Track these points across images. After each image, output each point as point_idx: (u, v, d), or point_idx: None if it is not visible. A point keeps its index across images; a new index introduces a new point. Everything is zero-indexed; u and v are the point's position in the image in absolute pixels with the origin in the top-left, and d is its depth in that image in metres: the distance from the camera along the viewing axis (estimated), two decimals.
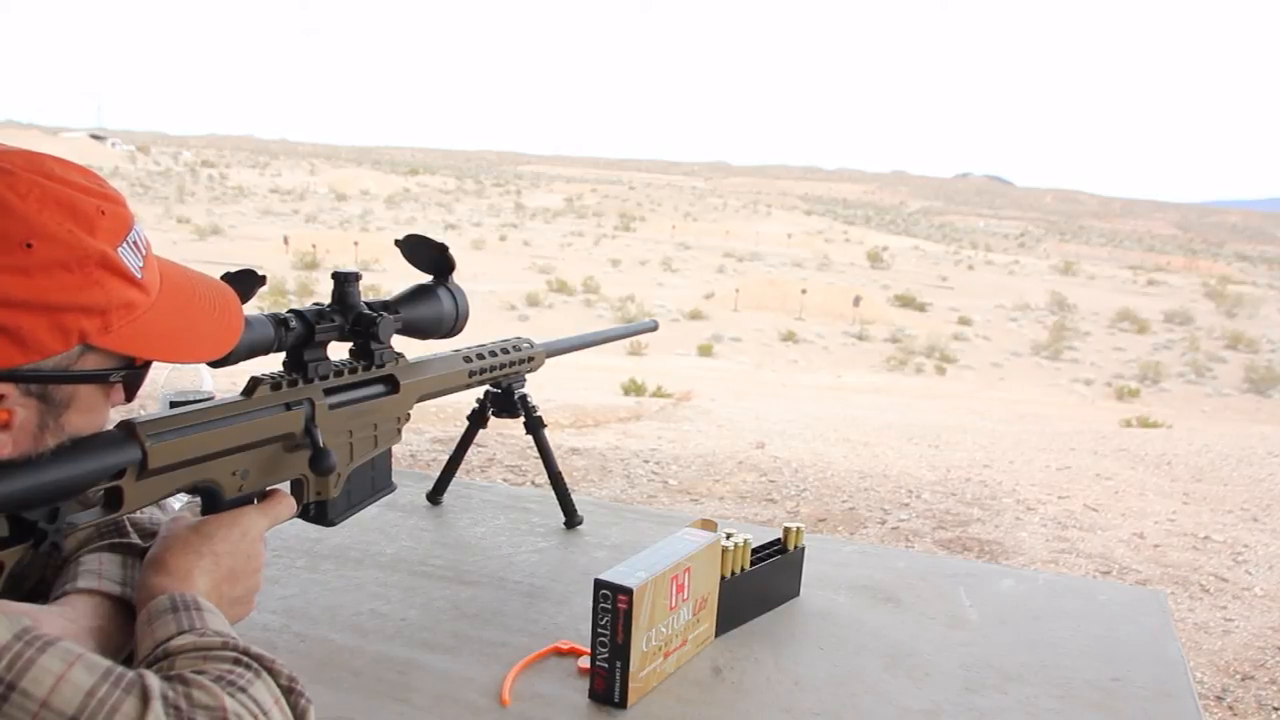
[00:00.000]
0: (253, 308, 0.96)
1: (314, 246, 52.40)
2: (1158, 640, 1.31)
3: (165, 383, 1.50)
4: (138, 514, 0.96)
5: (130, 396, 0.83)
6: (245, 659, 0.76)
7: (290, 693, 0.76)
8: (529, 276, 50.54)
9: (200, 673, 0.73)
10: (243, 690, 0.73)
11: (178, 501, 0.94)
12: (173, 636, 0.78)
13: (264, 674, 0.76)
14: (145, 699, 0.67)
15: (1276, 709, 3.62)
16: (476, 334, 1.26)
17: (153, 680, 0.69)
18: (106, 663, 0.68)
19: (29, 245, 0.69)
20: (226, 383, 1.37)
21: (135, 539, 0.96)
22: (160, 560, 0.87)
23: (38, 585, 0.88)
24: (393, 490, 1.21)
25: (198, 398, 1.46)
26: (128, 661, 0.80)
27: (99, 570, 0.87)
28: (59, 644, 0.67)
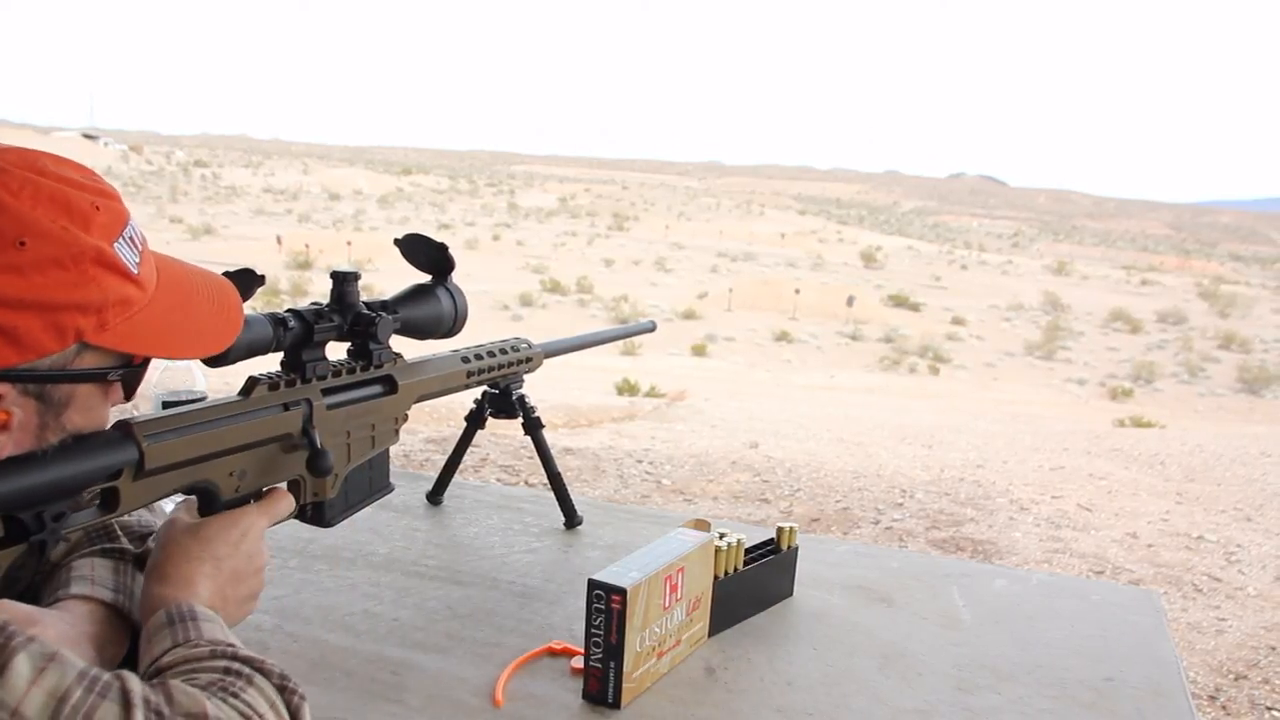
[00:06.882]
0: (247, 307, 0.95)
1: (307, 246, 52.23)
2: (1151, 640, 1.31)
3: (157, 382, 1.49)
4: (127, 517, 0.96)
5: (129, 395, 0.82)
6: (235, 665, 0.76)
7: (284, 690, 0.76)
8: (522, 276, 50.49)
9: (190, 683, 0.72)
10: (235, 696, 0.72)
11: (170, 503, 0.93)
12: (166, 651, 0.78)
13: (257, 677, 0.75)
14: (127, 704, 0.65)
15: (1270, 709, 3.63)
16: (470, 334, 1.25)
17: (135, 684, 0.68)
18: (81, 665, 0.66)
19: (22, 243, 0.69)
20: (220, 383, 1.37)
21: (125, 543, 0.95)
22: (160, 570, 0.86)
23: (25, 590, 0.88)
24: (390, 491, 1.21)
25: (190, 397, 1.46)
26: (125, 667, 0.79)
27: (91, 576, 0.87)
28: (30, 647, 0.64)
